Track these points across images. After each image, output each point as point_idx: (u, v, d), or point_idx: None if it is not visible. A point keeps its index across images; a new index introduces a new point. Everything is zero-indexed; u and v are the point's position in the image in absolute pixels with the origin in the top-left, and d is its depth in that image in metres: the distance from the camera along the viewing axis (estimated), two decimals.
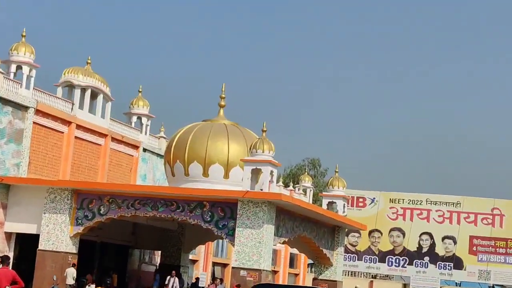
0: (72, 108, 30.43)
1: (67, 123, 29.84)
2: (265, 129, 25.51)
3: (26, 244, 26.09)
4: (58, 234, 24.73)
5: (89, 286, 25.28)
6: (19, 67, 26.64)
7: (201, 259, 38.37)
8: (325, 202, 32.62)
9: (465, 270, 45.57)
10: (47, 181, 26.63)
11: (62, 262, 24.38)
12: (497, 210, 45.25)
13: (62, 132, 29.71)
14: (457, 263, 45.58)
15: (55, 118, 29.02)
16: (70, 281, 23.92)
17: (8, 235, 25.54)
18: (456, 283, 47.85)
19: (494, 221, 45.52)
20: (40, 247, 24.83)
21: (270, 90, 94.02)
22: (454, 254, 45.80)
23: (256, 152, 24.89)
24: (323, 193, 34.55)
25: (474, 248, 45.31)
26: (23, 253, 26.19)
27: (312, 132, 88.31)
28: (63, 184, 26.06)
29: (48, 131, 28.87)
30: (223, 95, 30.35)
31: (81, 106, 30.94)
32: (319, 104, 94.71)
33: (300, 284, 43.60)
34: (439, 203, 46.97)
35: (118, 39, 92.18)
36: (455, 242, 45.87)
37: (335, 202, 31.88)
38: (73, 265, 24.79)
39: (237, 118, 33.56)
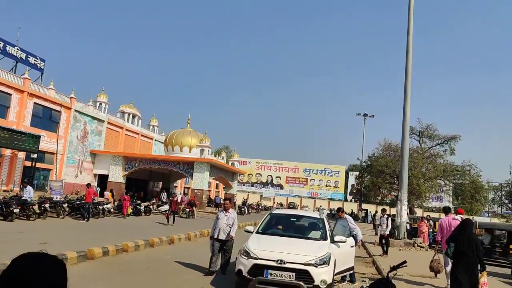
0: (123, 121, 51.89)
1: (120, 128, 50.48)
2: (206, 133, 48.29)
3: (103, 179, 45.82)
4: (117, 175, 44.72)
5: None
6: (100, 104, 47.95)
7: (179, 185, 58.29)
8: (229, 163, 55.34)
9: (284, 190, 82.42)
10: (112, 152, 46.31)
11: (118, 187, 43.72)
12: (297, 166, 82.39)
13: (119, 132, 49.66)
14: (282, 187, 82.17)
15: (116, 126, 48.97)
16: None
17: (95, 175, 45.92)
18: (281, 194, 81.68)
19: (295, 171, 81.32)
20: (109, 180, 44.53)
21: (210, 111, 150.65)
22: (280, 183, 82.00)
23: (203, 142, 46.64)
24: (230, 159, 57.20)
25: (288, 181, 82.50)
26: (101, 183, 45.46)
27: (226, 133, 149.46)
28: (119, 154, 45.99)
29: (113, 131, 48.56)
30: (189, 120, 53.23)
31: (128, 121, 52.45)
32: (228, 117, 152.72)
33: (223, 196, 61.08)
34: (275, 163, 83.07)
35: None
36: (280, 179, 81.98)
37: (234, 163, 55.14)
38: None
39: (196, 127, 60.79)
